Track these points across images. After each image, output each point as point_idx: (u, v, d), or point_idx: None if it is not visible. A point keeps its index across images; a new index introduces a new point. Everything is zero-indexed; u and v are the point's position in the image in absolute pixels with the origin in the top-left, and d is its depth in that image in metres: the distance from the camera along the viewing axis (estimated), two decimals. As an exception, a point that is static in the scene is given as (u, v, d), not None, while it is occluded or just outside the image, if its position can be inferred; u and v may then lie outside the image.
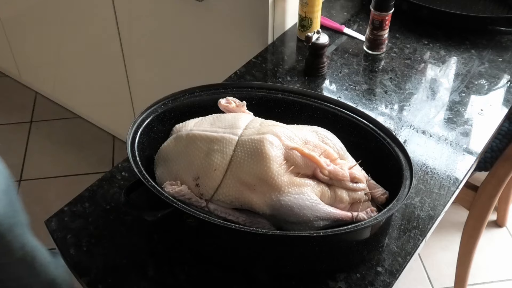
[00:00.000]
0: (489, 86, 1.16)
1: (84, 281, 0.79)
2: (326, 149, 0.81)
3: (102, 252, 0.82)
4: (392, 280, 0.79)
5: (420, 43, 1.27)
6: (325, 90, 1.15)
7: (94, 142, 2.19)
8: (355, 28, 1.32)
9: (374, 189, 0.83)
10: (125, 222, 0.86)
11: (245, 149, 0.78)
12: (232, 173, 0.77)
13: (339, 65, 1.20)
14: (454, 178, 0.95)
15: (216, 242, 0.78)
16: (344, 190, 0.79)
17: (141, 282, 0.80)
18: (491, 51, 1.25)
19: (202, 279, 0.79)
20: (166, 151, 0.84)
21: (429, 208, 0.89)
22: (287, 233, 0.74)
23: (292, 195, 0.76)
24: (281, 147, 0.78)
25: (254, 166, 0.77)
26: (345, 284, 0.78)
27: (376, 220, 0.75)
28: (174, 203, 0.73)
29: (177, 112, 0.91)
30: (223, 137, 0.80)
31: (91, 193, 0.91)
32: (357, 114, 0.90)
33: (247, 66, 1.19)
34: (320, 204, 0.76)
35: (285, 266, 0.79)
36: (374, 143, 0.87)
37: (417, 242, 0.84)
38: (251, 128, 0.82)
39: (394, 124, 1.06)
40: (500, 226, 1.92)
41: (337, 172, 0.79)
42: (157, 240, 0.84)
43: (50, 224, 0.86)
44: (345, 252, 0.79)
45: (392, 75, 1.18)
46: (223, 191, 0.78)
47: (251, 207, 0.77)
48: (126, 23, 1.61)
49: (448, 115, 1.08)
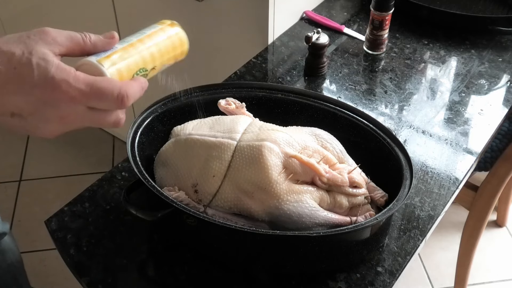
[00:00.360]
0: (489, 86, 1.16)
1: (84, 281, 0.79)
2: (325, 155, 0.81)
3: (102, 252, 0.82)
4: (392, 280, 0.79)
5: (420, 43, 1.28)
6: (325, 90, 1.15)
7: (94, 142, 2.19)
8: (355, 28, 1.32)
9: (374, 191, 0.83)
10: (125, 222, 0.86)
11: (244, 155, 0.78)
12: (230, 179, 0.77)
13: (339, 65, 1.20)
14: (454, 178, 0.95)
15: (216, 242, 0.78)
16: (343, 195, 0.79)
17: (141, 282, 0.80)
18: (491, 51, 1.25)
19: (202, 279, 0.79)
20: (165, 155, 0.85)
21: (429, 208, 0.89)
22: (287, 233, 0.74)
23: (291, 203, 0.75)
24: (280, 155, 0.78)
25: (253, 173, 0.76)
26: (345, 284, 0.78)
27: (376, 220, 0.75)
28: (174, 203, 0.73)
29: (177, 112, 0.91)
30: (221, 142, 0.79)
31: (91, 193, 0.91)
32: (357, 114, 0.90)
33: (247, 66, 1.19)
34: (319, 210, 0.76)
35: (285, 266, 0.79)
36: (374, 143, 0.87)
37: (417, 242, 0.84)
38: (249, 132, 0.82)
39: (394, 124, 1.06)
40: (500, 226, 1.92)
41: (336, 179, 0.79)
42: (157, 240, 0.84)
43: (50, 224, 0.86)
44: (345, 252, 0.79)
45: (392, 75, 1.18)
46: (221, 197, 0.78)
47: (250, 213, 0.77)
48: (126, 23, 1.61)
49: (448, 115, 1.08)
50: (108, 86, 0.52)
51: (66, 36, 0.54)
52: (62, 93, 0.50)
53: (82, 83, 0.51)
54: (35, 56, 0.50)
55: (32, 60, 0.50)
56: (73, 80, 0.50)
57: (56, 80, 0.50)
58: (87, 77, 0.52)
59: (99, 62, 0.54)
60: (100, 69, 0.54)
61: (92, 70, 0.54)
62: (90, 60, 0.55)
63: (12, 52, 0.50)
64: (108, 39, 0.57)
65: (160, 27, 0.63)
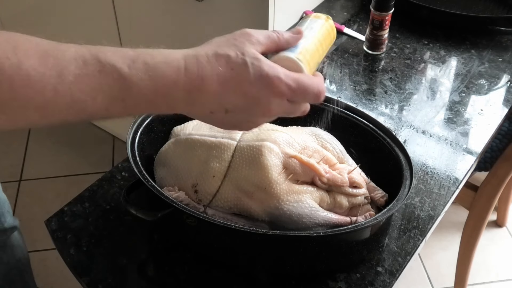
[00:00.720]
0: (489, 86, 1.16)
1: (84, 281, 0.79)
2: (325, 155, 0.81)
3: (102, 252, 0.82)
4: (392, 280, 0.79)
5: (420, 43, 1.28)
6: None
7: (94, 142, 2.19)
8: (355, 28, 1.32)
9: (374, 191, 0.82)
10: (125, 222, 0.86)
11: (244, 156, 0.78)
12: (230, 179, 0.77)
13: (339, 65, 1.20)
14: (454, 178, 0.95)
15: (216, 242, 0.78)
16: (343, 195, 0.79)
17: (141, 282, 0.80)
18: (491, 51, 1.25)
19: (202, 279, 0.79)
20: (165, 155, 0.85)
21: (429, 208, 0.89)
22: (287, 233, 0.74)
23: (291, 204, 0.75)
24: (280, 155, 0.78)
25: (253, 174, 0.76)
26: (345, 284, 0.78)
27: (376, 220, 0.75)
28: (174, 203, 0.73)
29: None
30: (221, 142, 0.79)
31: (91, 193, 0.91)
32: (357, 114, 0.90)
33: (247, 66, 1.19)
34: (319, 211, 0.76)
35: (285, 266, 0.79)
36: (374, 143, 0.87)
37: (417, 242, 0.84)
38: (249, 132, 0.82)
39: (394, 124, 1.06)
40: (500, 226, 1.92)
41: (335, 179, 0.79)
42: (157, 240, 0.84)
43: (50, 224, 0.86)
44: (345, 252, 0.79)
45: (392, 75, 1.18)
46: (221, 197, 0.78)
47: (250, 213, 0.77)
48: (126, 23, 1.61)
49: (448, 115, 1.08)
50: (310, 83, 0.56)
51: (265, 35, 0.57)
52: (275, 88, 0.54)
53: (291, 79, 0.55)
54: (248, 56, 0.54)
55: (246, 60, 0.53)
56: (283, 77, 0.54)
57: (270, 76, 0.53)
58: (293, 73, 0.56)
59: (298, 59, 0.58)
60: (300, 66, 0.58)
61: (290, 66, 0.57)
62: (290, 57, 0.58)
63: (228, 55, 0.54)
64: (296, 35, 0.60)
65: (322, 22, 0.67)
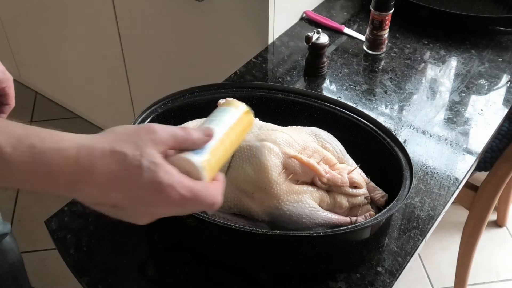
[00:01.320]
0: (489, 86, 1.16)
1: (84, 281, 0.79)
2: (325, 155, 0.81)
3: (102, 252, 0.82)
4: (392, 280, 0.79)
5: (420, 43, 1.27)
6: (325, 90, 1.15)
7: (94, 142, 2.19)
8: (355, 28, 1.32)
9: (374, 191, 0.82)
10: (125, 222, 0.86)
11: (244, 155, 0.78)
12: (230, 179, 0.77)
13: (339, 65, 1.20)
14: (454, 178, 0.95)
15: (216, 242, 0.78)
16: (343, 195, 0.79)
17: (141, 282, 0.80)
18: (491, 51, 1.25)
19: (202, 279, 0.79)
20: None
21: (429, 208, 0.89)
22: (287, 233, 0.74)
23: (291, 204, 0.75)
24: (280, 155, 0.78)
25: (253, 174, 0.76)
26: (345, 284, 0.78)
27: (376, 220, 0.75)
28: (174, 203, 0.73)
29: (177, 112, 0.91)
30: None
31: (91, 193, 0.91)
32: (357, 114, 0.90)
33: (247, 66, 1.19)
34: (319, 211, 0.76)
35: (285, 266, 0.79)
36: (374, 143, 0.87)
37: (417, 242, 0.84)
38: (249, 132, 0.82)
39: (394, 124, 1.06)
40: (500, 226, 1.92)
41: (335, 179, 0.78)
42: (157, 240, 0.84)
43: (50, 224, 0.86)
44: (345, 252, 0.79)
45: (392, 75, 1.18)
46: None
47: (250, 213, 0.77)
48: (126, 23, 1.61)
49: (448, 115, 1.08)
50: (206, 194, 0.54)
51: (170, 134, 0.54)
52: (166, 196, 0.52)
53: (185, 189, 0.52)
54: (145, 158, 0.51)
55: (142, 163, 0.51)
56: (178, 185, 0.52)
57: (163, 184, 0.51)
58: (189, 183, 0.53)
59: (201, 166, 0.55)
60: (201, 174, 0.54)
61: (191, 169, 0.54)
62: (193, 162, 0.54)
63: (124, 153, 0.51)
64: (205, 138, 0.57)
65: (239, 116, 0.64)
